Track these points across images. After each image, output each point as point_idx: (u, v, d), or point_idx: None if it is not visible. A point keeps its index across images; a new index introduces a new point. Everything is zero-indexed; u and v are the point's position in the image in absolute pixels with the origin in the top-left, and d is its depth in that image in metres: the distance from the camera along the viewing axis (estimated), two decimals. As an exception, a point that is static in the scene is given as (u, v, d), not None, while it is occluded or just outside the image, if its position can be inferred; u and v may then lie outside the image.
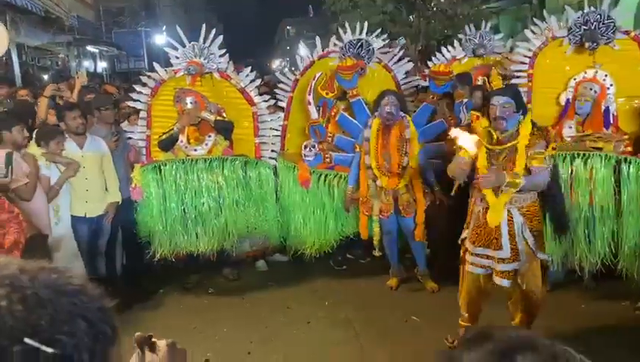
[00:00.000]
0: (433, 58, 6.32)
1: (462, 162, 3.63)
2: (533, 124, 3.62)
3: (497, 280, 3.61)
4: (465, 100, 5.23)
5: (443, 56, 6.27)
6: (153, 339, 1.15)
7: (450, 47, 6.26)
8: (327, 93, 5.27)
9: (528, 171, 3.54)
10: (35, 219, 4.16)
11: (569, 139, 4.69)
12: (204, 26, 5.34)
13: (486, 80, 5.74)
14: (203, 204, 4.96)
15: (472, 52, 5.99)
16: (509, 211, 3.56)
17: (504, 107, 3.49)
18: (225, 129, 5.16)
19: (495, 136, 3.58)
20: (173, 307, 5.00)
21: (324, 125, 5.26)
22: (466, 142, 3.56)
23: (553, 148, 3.81)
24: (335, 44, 5.58)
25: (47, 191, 4.43)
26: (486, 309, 3.90)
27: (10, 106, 5.85)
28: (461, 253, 3.85)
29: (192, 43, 5.32)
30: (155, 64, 5.56)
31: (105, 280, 4.95)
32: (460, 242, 3.84)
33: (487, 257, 3.62)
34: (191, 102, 5.04)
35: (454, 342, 3.82)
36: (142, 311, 4.77)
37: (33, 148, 4.41)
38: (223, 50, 5.37)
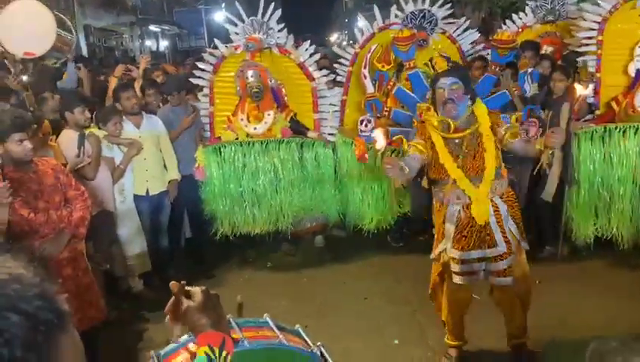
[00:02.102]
0: (503, 26, 6.07)
1: (409, 161, 3.19)
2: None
3: (497, 280, 3.26)
4: (530, 70, 5.00)
5: (514, 23, 6.02)
6: (187, 287, 1.22)
7: (522, 14, 5.99)
8: (383, 66, 5.15)
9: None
10: (99, 198, 4.33)
11: (642, 109, 4.42)
12: (262, 0, 5.32)
13: (553, 49, 5.46)
14: (259, 185, 5.02)
15: (542, 19, 5.72)
16: (492, 201, 3.21)
17: (452, 89, 3.13)
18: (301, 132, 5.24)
19: (452, 125, 3.19)
20: (233, 280, 5.13)
21: (381, 99, 5.17)
22: (378, 136, 3.33)
23: (517, 120, 3.52)
24: (396, 15, 5.42)
25: (113, 171, 4.58)
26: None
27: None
28: (435, 272, 3.49)
29: (251, 18, 5.32)
30: (216, 40, 5.61)
31: (169, 255, 5.14)
32: (434, 258, 3.45)
33: (479, 260, 3.25)
34: (252, 76, 5.06)
35: None
36: (204, 284, 4.87)
37: (95, 130, 4.55)
38: (282, 25, 5.35)
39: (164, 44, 22.50)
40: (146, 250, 4.81)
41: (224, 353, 1.17)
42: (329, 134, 5.37)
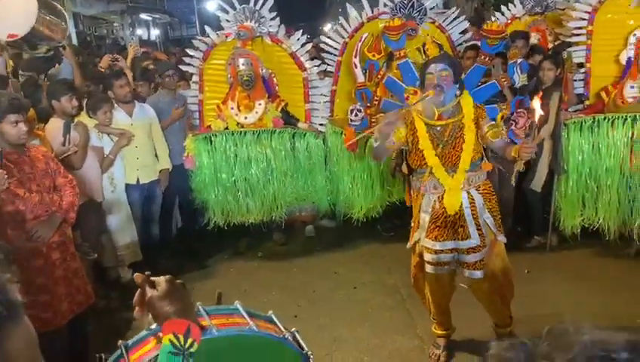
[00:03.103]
0: (492, 17, 6.07)
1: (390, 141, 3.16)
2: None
3: (468, 272, 3.25)
4: (519, 60, 5.00)
5: (503, 14, 6.02)
6: (152, 278, 1.20)
7: (511, 5, 5.99)
8: (373, 55, 5.13)
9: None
10: (87, 187, 4.31)
11: (631, 99, 4.44)
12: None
13: (540, 37, 5.47)
14: (252, 175, 5.01)
15: (531, 10, 5.73)
16: (468, 193, 3.20)
17: (442, 75, 3.12)
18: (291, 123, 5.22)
19: (436, 113, 3.17)
20: (224, 270, 5.13)
21: (371, 88, 5.15)
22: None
23: (502, 118, 3.44)
24: (385, 5, 5.40)
25: (102, 160, 4.56)
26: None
27: None
28: (413, 262, 3.46)
29: (243, 6, 5.28)
30: (206, 27, 5.57)
31: (160, 245, 5.13)
32: (411, 247, 3.45)
33: (451, 251, 3.24)
34: (243, 64, 5.02)
35: (439, 358, 3.54)
36: (195, 275, 4.92)
37: (85, 119, 4.53)
38: (274, 14, 5.31)
39: (155, 32, 22.31)
40: (136, 240, 4.80)
41: (189, 340, 1.16)
42: (320, 125, 5.35)
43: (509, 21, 5.94)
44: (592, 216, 4.53)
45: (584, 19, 4.78)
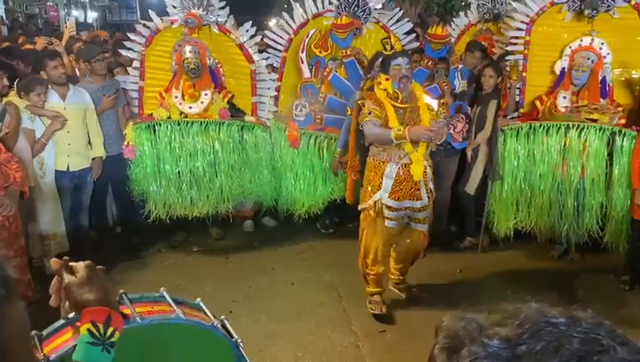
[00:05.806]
0: (452, 24, 6.13)
1: (379, 125, 3.81)
2: None
3: (415, 225, 4.01)
4: (460, 66, 5.13)
5: (462, 21, 6.10)
6: (70, 263, 1.15)
7: (468, 12, 6.08)
8: (320, 52, 5.14)
9: None
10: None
11: (563, 109, 4.63)
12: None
13: (487, 45, 5.60)
14: (198, 167, 4.87)
15: (482, 17, 5.84)
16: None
17: (407, 67, 3.84)
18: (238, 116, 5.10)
19: (400, 97, 3.83)
20: (158, 263, 4.98)
21: (316, 85, 5.14)
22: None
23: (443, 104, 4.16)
24: (330, 2, 5.40)
25: (33, 144, 4.32)
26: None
27: None
28: (364, 216, 4.01)
29: None
30: (151, 12, 5.36)
31: (90, 236, 4.93)
32: (366, 207, 3.99)
33: (406, 209, 3.93)
34: (190, 51, 4.88)
35: (382, 308, 3.94)
36: (127, 266, 4.75)
37: (15, 99, 4.28)
38: (223, 3, 5.17)
39: (92, 15, 21.50)
40: (64, 230, 4.58)
41: (110, 329, 1.09)
42: (266, 119, 5.28)
43: (467, 28, 6.01)
44: (524, 219, 4.70)
45: (522, 30, 4.94)
